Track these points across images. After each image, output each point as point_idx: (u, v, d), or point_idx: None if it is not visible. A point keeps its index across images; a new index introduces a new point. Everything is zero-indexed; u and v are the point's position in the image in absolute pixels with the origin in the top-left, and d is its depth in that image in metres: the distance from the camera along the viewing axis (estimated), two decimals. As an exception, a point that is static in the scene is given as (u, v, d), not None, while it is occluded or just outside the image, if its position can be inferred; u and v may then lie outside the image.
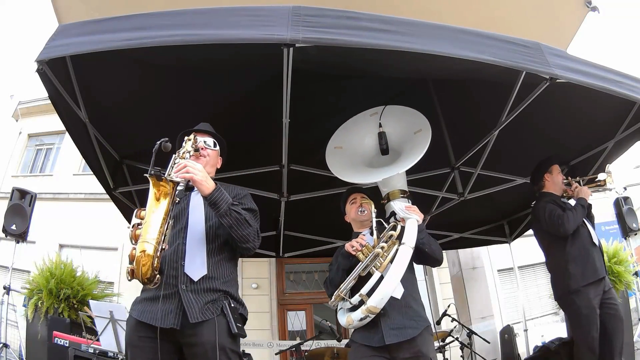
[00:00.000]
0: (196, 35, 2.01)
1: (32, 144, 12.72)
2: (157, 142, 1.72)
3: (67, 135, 3.10)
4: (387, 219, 2.44)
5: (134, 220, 1.64)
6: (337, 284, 2.26)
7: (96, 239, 9.77)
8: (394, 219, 2.38)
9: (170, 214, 1.66)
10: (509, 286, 9.28)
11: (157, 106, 3.00)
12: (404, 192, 2.48)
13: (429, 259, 2.37)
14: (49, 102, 2.50)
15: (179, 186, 1.73)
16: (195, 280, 1.82)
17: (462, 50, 2.13)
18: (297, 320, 8.19)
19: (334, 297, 2.25)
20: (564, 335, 4.06)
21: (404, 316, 2.19)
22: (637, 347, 4.83)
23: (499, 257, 8.50)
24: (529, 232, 4.71)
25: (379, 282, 2.12)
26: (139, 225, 1.62)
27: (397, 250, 2.19)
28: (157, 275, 1.61)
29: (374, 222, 2.34)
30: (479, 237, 5.27)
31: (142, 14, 2.10)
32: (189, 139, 1.91)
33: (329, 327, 4.35)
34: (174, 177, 1.70)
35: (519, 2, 4.47)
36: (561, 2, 4.54)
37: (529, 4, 4.45)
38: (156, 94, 2.92)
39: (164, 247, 1.63)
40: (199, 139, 2.00)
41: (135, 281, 1.60)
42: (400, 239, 2.23)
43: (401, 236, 2.24)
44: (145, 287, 1.79)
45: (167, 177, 1.68)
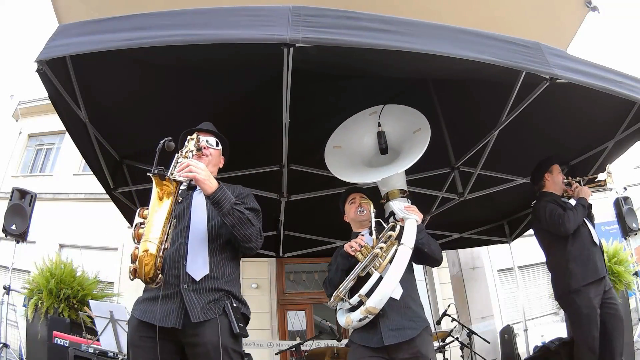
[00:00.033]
0: (196, 35, 2.01)
1: (32, 144, 12.72)
2: (161, 142, 1.71)
3: (67, 135, 3.10)
4: (386, 219, 2.43)
5: (137, 219, 1.64)
6: (336, 284, 2.26)
7: (96, 239, 9.77)
8: (393, 218, 2.37)
9: (173, 213, 1.66)
10: (509, 286, 9.28)
11: (157, 106, 3.00)
12: (403, 192, 2.47)
13: (428, 259, 2.36)
14: (49, 102, 2.50)
15: (182, 185, 1.73)
16: (197, 280, 1.81)
17: (462, 50, 2.13)
18: (297, 320, 8.19)
19: (333, 298, 2.25)
20: (564, 335, 4.06)
21: (402, 317, 2.18)
22: (637, 347, 4.83)
23: (499, 257, 8.50)
24: (529, 232, 4.71)
25: (378, 282, 2.12)
26: (142, 224, 1.62)
27: (396, 250, 2.18)
28: (160, 274, 1.60)
29: (373, 222, 2.34)
30: (479, 237, 5.27)
31: (142, 14, 2.10)
32: (192, 138, 1.90)
33: (329, 327, 4.35)
34: (177, 176, 1.70)
35: (519, 2, 4.47)
36: (561, 2, 4.54)
37: (529, 4, 4.45)
38: (156, 94, 2.92)
39: (166, 246, 1.62)
40: (202, 138, 1.99)
41: (135, 281, 1.59)
42: (399, 239, 2.22)
43: (400, 236, 2.23)
44: (147, 286, 1.79)
45: (170, 177, 1.67)
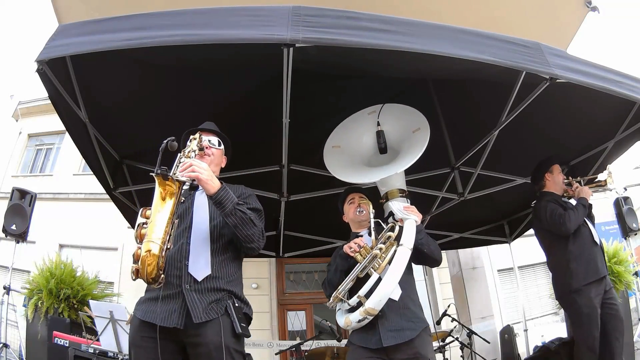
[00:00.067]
0: (196, 35, 2.01)
1: (32, 144, 12.72)
2: (164, 141, 1.71)
3: (67, 135, 3.10)
4: (385, 219, 2.43)
5: (140, 219, 1.63)
6: (335, 285, 2.25)
7: (96, 239, 9.77)
8: (392, 218, 2.36)
9: (175, 213, 1.66)
10: (509, 286, 9.28)
11: (157, 106, 3.00)
12: (402, 192, 2.46)
13: (427, 259, 2.35)
14: (49, 102, 2.50)
15: (184, 185, 1.72)
16: (199, 280, 1.81)
17: (462, 50, 2.13)
18: (297, 320, 8.19)
19: (332, 299, 2.24)
20: (564, 335, 4.07)
21: (402, 318, 2.17)
22: (637, 347, 4.83)
23: (499, 257, 8.50)
24: (529, 232, 4.71)
25: (377, 283, 2.11)
26: (144, 224, 1.61)
27: (395, 251, 2.17)
28: (162, 275, 1.60)
29: (372, 223, 2.32)
30: (479, 237, 5.27)
31: (142, 14, 2.10)
32: (194, 138, 1.90)
33: (329, 327, 4.34)
34: (180, 176, 1.69)
35: (519, 2, 4.47)
36: (561, 2, 4.54)
37: (529, 4, 4.45)
38: (156, 94, 2.92)
39: (169, 246, 1.62)
40: (204, 138, 1.99)
41: (135, 281, 1.59)
42: (398, 240, 2.21)
43: (399, 237, 2.22)
44: (149, 287, 1.79)
45: (172, 176, 1.67)
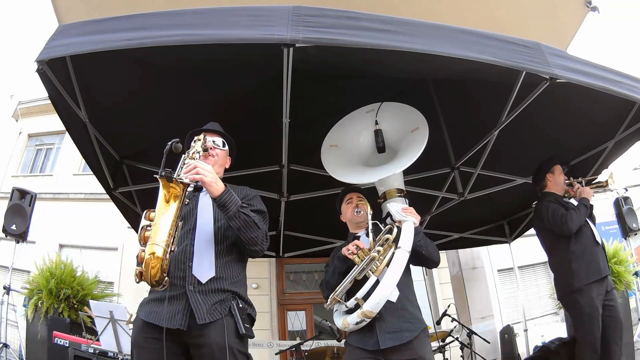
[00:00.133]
0: (196, 35, 2.01)
1: (32, 144, 12.74)
2: (168, 143, 1.70)
3: (67, 135, 3.10)
4: (383, 219, 2.42)
5: (143, 222, 1.62)
6: (333, 286, 2.24)
7: (96, 239, 9.78)
8: (391, 219, 2.35)
9: (179, 216, 1.64)
10: (509, 286, 9.29)
11: (157, 106, 3.00)
12: (400, 191, 2.45)
13: (426, 261, 2.34)
14: (49, 102, 2.50)
15: (189, 187, 1.71)
16: (203, 282, 1.80)
17: (462, 50, 2.13)
18: (297, 320, 8.18)
19: (329, 300, 2.23)
20: (564, 335, 4.08)
21: (399, 319, 2.16)
22: (637, 347, 4.82)
23: (499, 257, 8.51)
24: (529, 232, 4.72)
25: (375, 286, 2.10)
26: (148, 227, 1.60)
27: (393, 254, 2.16)
28: (166, 277, 1.59)
29: (370, 224, 2.31)
30: (479, 237, 5.27)
31: (142, 14, 2.10)
32: (198, 139, 1.89)
33: (329, 327, 4.34)
34: (184, 178, 1.68)
35: (519, 2, 4.47)
36: (561, 2, 4.54)
37: (529, 4, 4.45)
38: (156, 94, 2.92)
39: (172, 249, 1.61)
40: (208, 139, 1.98)
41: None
42: (396, 243, 2.19)
43: (397, 239, 2.20)
44: (152, 288, 1.78)
45: (177, 179, 1.65)
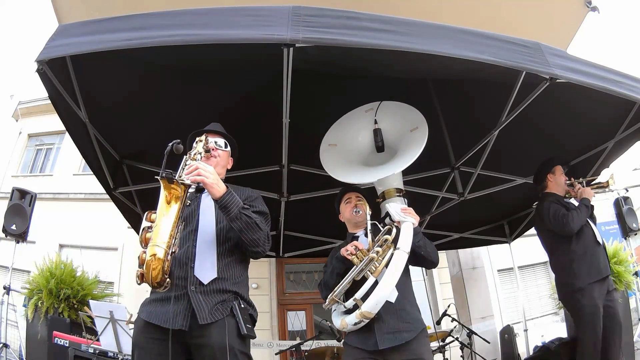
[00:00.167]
0: (196, 35, 2.01)
1: (32, 144, 12.74)
2: (169, 144, 1.69)
3: (67, 135, 3.10)
4: (382, 219, 2.42)
5: (145, 223, 1.61)
6: (332, 287, 2.24)
7: (96, 239, 9.78)
8: (389, 219, 2.34)
9: (181, 217, 1.64)
10: (509, 286, 9.29)
11: (157, 106, 3.00)
12: (399, 191, 2.44)
13: (424, 261, 2.34)
14: (49, 102, 2.50)
15: (190, 188, 1.70)
16: (205, 283, 1.80)
17: (462, 50, 2.13)
18: (297, 320, 8.18)
19: (327, 301, 2.23)
20: (564, 335, 4.08)
21: (398, 319, 2.16)
22: (637, 347, 4.82)
23: (499, 257, 8.51)
24: (529, 232, 4.72)
25: (374, 286, 2.09)
26: (149, 228, 1.59)
27: (392, 255, 2.15)
28: (168, 279, 1.59)
29: (369, 225, 2.30)
30: (479, 237, 5.27)
31: (142, 14, 2.10)
32: (200, 140, 1.88)
33: (329, 327, 4.34)
34: (185, 179, 1.67)
35: (519, 2, 4.47)
36: (561, 2, 4.54)
37: (529, 4, 4.45)
38: (156, 94, 2.92)
39: (174, 250, 1.60)
40: (210, 140, 1.97)
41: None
42: (395, 244, 2.18)
43: (396, 240, 2.19)
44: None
45: (178, 180, 1.65)
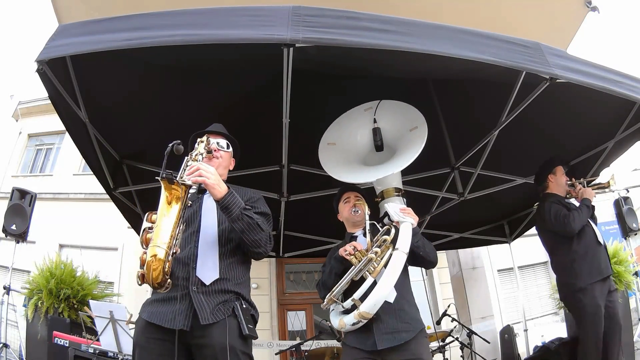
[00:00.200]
0: (196, 35, 2.01)
1: (32, 144, 12.74)
2: (170, 145, 1.68)
3: (67, 135, 3.10)
4: (380, 219, 2.41)
5: (145, 224, 1.61)
6: (330, 287, 2.24)
7: (96, 239, 9.79)
8: (388, 219, 2.34)
9: (182, 218, 1.63)
10: (509, 286, 9.29)
11: (157, 106, 3.00)
12: (398, 190, 2.44)
13: (423, 261, 2.34)
14: (49, 102, 2.50)
15: (191, 189, 1.70)
16: (206, 284, 1.79)
17: (462, 50, 2.13)
18: (297, 320, 8.18)
19: (326, 301, 2.22)
20: (564, 335, 4.08)
21: (397, 320, 2.15)
22: (637, 347, 4.82)
23: (499, 257, 8.51)
24: (529, 232, 4.72)
25: (372, 287, 2.08)
26: (150, 229, 1.59)
27: (391, 255, 2.14)
28: (168, 280, 1.58)
29: (368, 225, 2.30)
30: (479, 237, 5.27)
31: (142, 14, 2.10)
32: (202, 141, 1.88)
33: (329, 327, 4.34)
34: (186, 180, 1.67)
35: (519, 2, 4.47)
36: (561, 2, 4.54)
37: (529, 4, 4.45)
38: (156, 94, 2.92)
39: (175, 251, 1.60)
40: (212, 141, 1.97)
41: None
42: (394, 244, 2.18)
43: (395, 241, 2.18)
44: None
45: (179, 180, 1.64)
